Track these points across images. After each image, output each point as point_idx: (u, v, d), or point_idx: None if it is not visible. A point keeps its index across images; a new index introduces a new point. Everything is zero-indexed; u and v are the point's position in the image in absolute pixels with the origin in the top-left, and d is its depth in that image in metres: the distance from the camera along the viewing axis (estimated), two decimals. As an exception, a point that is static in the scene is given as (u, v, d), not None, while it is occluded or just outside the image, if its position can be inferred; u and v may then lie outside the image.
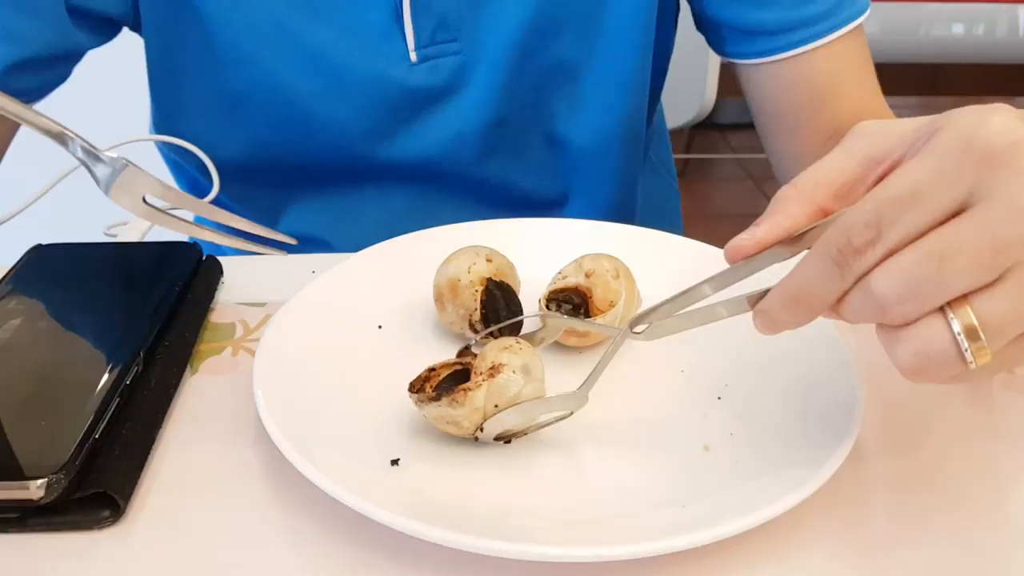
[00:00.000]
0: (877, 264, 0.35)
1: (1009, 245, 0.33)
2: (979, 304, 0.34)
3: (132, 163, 0.42)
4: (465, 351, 0.50)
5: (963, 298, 0.34)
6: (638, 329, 0.46)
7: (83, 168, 0.66)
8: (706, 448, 0.47)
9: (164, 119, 0.75)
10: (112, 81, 1.12)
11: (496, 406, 0.45)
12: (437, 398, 0.46)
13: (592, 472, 0.46)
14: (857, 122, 0.78)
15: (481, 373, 0.46)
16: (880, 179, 0.38)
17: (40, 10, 0.63)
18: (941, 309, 0.35)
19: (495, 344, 0.48)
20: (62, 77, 0.69)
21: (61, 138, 0.41)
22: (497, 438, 0.47)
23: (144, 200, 0.43)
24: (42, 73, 0.66)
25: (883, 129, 0.39)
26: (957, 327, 0.34)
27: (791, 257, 0.40)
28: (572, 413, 0.47)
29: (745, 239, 0.40)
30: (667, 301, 0.44)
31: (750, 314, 0.41)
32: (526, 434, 0.48)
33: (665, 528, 0.40)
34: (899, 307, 0.35)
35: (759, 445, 0.47)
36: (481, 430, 0.46)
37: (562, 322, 0.52)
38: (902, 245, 0.35)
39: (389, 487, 0.44)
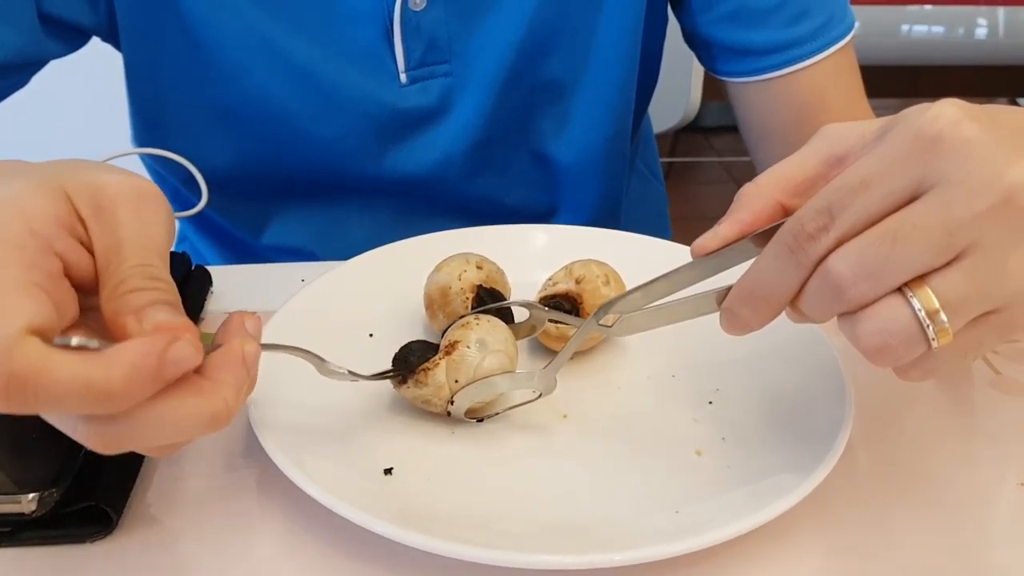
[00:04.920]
0: (832, 250, 0.36)
1: (962, 226, 0.34)
2: (937, 283, 0.35)
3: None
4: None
5: (921, 278, 0.35)
6: (608, 322, 0.46)
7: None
8: (698, 453, 0.48)
9: (146, 130, 0.75)
10: (92, 90, 1.11)
11: (457, 381, 0.46)
12: (404, 381, 0.47)
13: (585, 478, 0.46)
14: None
15: (441, 351, 0.47)
16: None
17: (11, 17, 0.63)
18: (900, 290, 0.35)
19: (457, 322, 0.49)
20: (20, 84, 0.68)
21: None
22: (468, 415, 0.48)
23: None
24: (5, 78, 0.66)
25: (846, 130, 0.40)
26: (917, 305, 0.35)
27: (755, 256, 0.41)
28: (540, 395, 0.48)
29: (708, 237, 0.42)
30: (638, 288, 0.45)
31: None
32: (497, 413, 0.49)
33: (659, 533, 0.41)
34: (856, 288, 0.35)
35: (751, 449, 0.47)
36: (451, 404, 0.47)
37: (545, 314, 0.53)
38: (855, 231, 0.35)
39: (382, 496, 0.44)
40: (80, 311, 0.36)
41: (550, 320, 0.53)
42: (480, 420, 0.49)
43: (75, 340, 0.32)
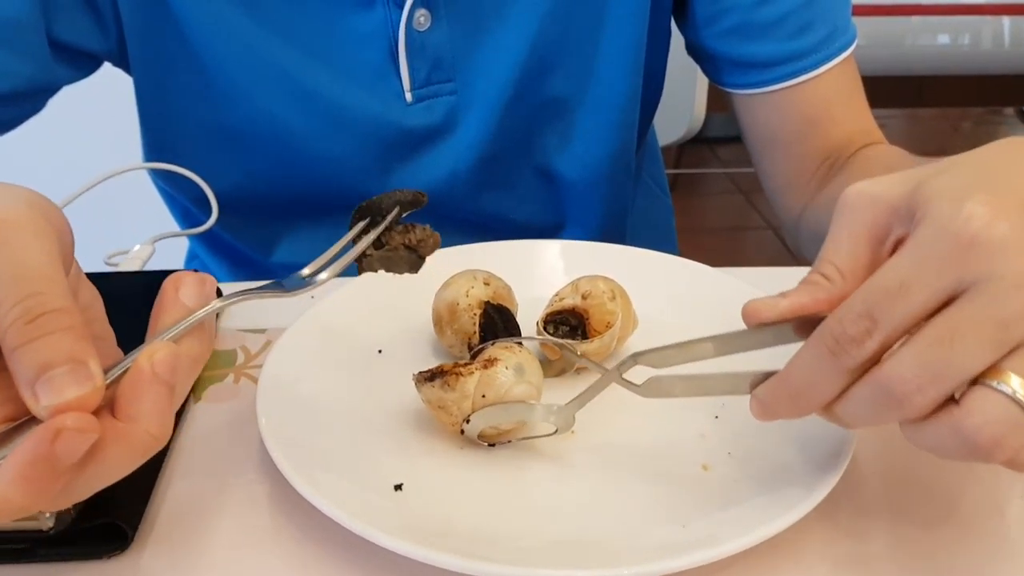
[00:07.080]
0: (874, 356, 0.36)
1: (1016, 318, 0.34)
2: (1012, 366, 0.34)
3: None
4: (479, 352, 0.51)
5: (993, 369, 0.34)
6: (636, 380, 0.45)
7: (81, 198, 0.68)
8: (704, 467, 0.48)
9: (156, 150, 0.76)
10: (103, 108, 1.12)
11: (484, 396, 0.47)
12: (432, 379, 0.47)
13: (591, 493, 0.47)
14: (848, 146, 0.77)
15: (478, 363, 0.48)
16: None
17: (22, 45, 0.63)
18: (976, 383, 0.35)
19: (498, 344, 0.50)
20: (36, 109, 0.69)
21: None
22: (481, 437, 0.48)
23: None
24: (18, 106, 0.67)
25: (872, 200, 0.39)
26: (1007, 389, 0.34)
27: (797, 342, 0.40)
28: (556, 431, 0.48)
29: (767, 306, 0.40)
30: (667, 347, 0.44)
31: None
32: (510, 441, 0.49)
33: (666, 548, 0.41)
34: (922, 393, 0.35)
35: (757, 464, 0.48)
36: (467, 422, 0.47)
37: (576, 358, 0.52)
38: (897, 334, 0.35)
39: (393, 512, 0.44)
40: None
41: (549, 344, 0.54)
42: (491, 445, 0.49)
43: None
